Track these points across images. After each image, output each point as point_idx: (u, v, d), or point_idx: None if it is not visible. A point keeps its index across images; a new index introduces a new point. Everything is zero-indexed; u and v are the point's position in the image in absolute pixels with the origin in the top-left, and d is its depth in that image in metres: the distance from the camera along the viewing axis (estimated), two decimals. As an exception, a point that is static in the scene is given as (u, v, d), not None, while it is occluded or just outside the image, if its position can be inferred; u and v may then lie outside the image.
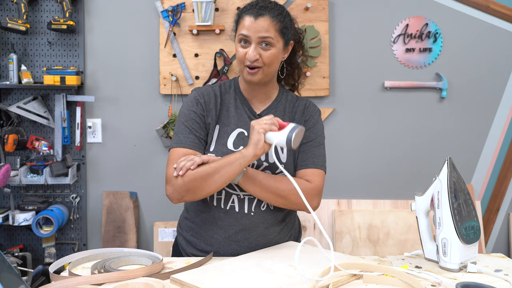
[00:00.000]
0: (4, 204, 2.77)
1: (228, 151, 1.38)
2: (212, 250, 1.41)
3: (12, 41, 2.70)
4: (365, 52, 2.82)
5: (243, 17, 1.37)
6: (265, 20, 1.34)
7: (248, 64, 1.36)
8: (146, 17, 2.77)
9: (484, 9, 2.82)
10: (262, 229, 1.41)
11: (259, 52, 1.35)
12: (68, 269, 1.19)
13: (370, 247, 2.73)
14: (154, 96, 2.80)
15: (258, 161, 1.39)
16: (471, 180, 2.92)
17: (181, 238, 1.52)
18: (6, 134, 2.58)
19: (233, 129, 1.42)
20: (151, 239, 2.87)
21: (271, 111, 1.47)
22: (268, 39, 1.35)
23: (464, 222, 1.26)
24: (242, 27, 1.36)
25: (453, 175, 1.29)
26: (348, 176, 2.89)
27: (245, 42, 1.36)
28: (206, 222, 1.43)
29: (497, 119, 2.89)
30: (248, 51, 1.35)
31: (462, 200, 1.28)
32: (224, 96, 1.46)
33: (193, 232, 1.47)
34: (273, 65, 1.39)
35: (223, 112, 1.44)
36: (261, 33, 1.34)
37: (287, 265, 1.22)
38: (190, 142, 1.38)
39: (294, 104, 1.51)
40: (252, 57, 1.34)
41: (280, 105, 1.49)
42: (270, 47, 1.36)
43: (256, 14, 1.34)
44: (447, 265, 1.26)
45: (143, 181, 2.84)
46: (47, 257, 2.71)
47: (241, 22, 1.37)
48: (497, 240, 2.97)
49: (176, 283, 1.12)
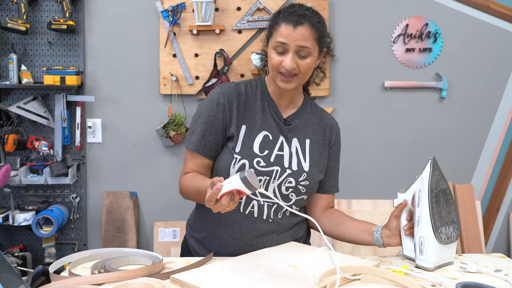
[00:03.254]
0: (4, 204, 2.77)
1: (254, 154, 1.35)
2: (226, 253, 1.39)
3: (12, 41, 2.70)
4: (365, 52, 2.82)
5: (280, 24, 1.31)
6: (305, 30, 1.30)
7: (284, 72, 1.32)
8: (146, 17, 2.77)
9: (484, 9, 2.82)
10: (277, 235, 1.41)
11: (296, 60, 1.31)
12: (68, 269, 1.19)
13: (370, 247, 2.72)
14: (154, 96, 2.80)
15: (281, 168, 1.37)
16: (471, 180, 2.92)
17: (193, 240, 1.50)
18: (6, 134, 2.58)
19: (259, 131, 1.39)
20: (151, 239, 2.87)
21: (297, 118, 1.44)
22: (307, 49, 1.31)
23: (443, 223, 1.26)
24: (280, 34, 1.31)
25: (435, 174, 1.29)
26: (348, 176, 2.88)
27: (281, 49, 1.31)
28: (221, 224, 1.40)
29: (497, 119, 2.89)
30: (284, 60, 1.31)
31: (443, 200, 1.28)
32: (250, 96, 1.42)
33: (206, 233, 1.45)
34: (308, 74, 1.36)
35: (248, 113, 1.40)
36: (300, 42, 1.30)
37: (287, 265, 1.22)
38: (200, 146, 1.39)
39: (320, 116, 1.49)
40: (289, 66, 1.30)
41: (305, 113, 1.46)
42: (307, 56, 1.32)
43: (295, 22, 1.29)
44: (423, 264, 1.26)
45: (143, 181, 2.84)
46: (47, 257, 2.71)
47: (278, 28, 1.32)
48: (497, 240, 2.97)
49: (176, 283, 1.12)
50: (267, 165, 1.35)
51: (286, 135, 1.41)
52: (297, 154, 1.40)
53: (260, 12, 2.76)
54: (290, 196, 1.39)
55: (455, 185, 2.89)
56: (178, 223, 2.82)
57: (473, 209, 2.85)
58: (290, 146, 1.40)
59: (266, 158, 1.36)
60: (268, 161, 1.35)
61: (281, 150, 1.38)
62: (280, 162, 1.37)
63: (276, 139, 1.39)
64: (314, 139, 1.44)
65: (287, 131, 1.41)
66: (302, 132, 1.43)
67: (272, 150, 1.37)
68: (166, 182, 2.84)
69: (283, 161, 1.37)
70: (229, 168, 1.35)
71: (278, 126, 1.41)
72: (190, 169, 1.41)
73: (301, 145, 1.42)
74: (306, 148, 1.42)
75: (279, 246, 1.42)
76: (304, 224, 1.55)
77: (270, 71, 1.37)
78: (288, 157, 1.38)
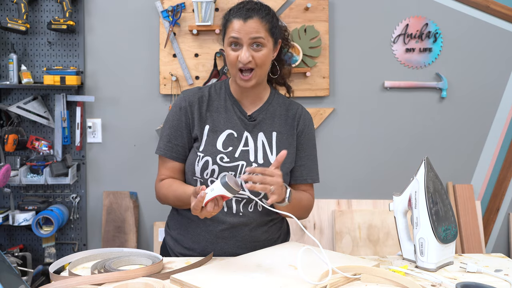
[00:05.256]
0: (4, 204, 2.77)
1: (217, 151, 1.41)
2: (199, 248, 1.44)
3: (12, 41, 2.70)
4: (365, 52, 2.82)
5: (231, 20, 1.37)
6: (254, 22, 1.35)
7: (241, 66, 1.36)
8: (146, 17, 2.77)
9: (484, 9, 2.82)
10: (249, 229, 1.43)
11: (251, 53, 1.35)
12: (68, 269, 1.19)
13: (370, 247, 2.73)
14: (154, 96, 2.81)
15: (247, 162, 1.41)
16: (471, 180, 2.92)
17: (169, 238, 1.54)
18: (6, 134, 2.58)
19: (222, 130, 1.44)
20: (151, 239, 2.87)
21: (262, 113, 1.47)
22: (260, 40, 1.35)
23: (441, 222, 1.27)
24: (232, 30, 1.36)
25: (430, 174, 1.29)
26: (348, 176, 2.89)
27: (235, 45, 1.36)
28: (193, 221, 1.45)
29: (497, 119, 2.89)
30: (240, 54, 1.35)
31: (439, 200, 1.29)
32: (213, 97, 1.48)
33: (180, 230, 1.49)
34: (265, 66, 1.40)
35: (212, 114, 1.46)
36: (252, 34, 1.34)
37: (287, 265, 1.22)
38: (168, 151, 1.45)
39: (287, 108, 1.51)
40: (245, 59, 1.34)
41: (271, 107, 1.49)
42: (262, 48, 1.36)
43: (245, 16, 1.35)
44: (425, 265, 1.26)
45: (143, 181, 2.84)
46: (47, 257, 2.71)
47: (230, 25, 1.37)
48: (497, 240, 2.97)
49: (176, 283, 1.12)
50: (231, 160, 1.40)
51: (251, 130, 1.45)
52: (264, 148, 1.44)
53: (260, 12, 2.76)
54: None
55: (455, 185, 2.89)
56: (178, 223, 2.82)
57: (473, 209, 2.85)
58: (256, 141, 1.44)
59: (230, 154, 1.41)
60: (232, 157, 1.40)
61: (246, 146, 1.43)
62: (245, 157, 1.41)
63: (241, 136, 1.44)
64: (281, 131, 1.47)
65: (252, 126, 1.45)
66: (268, 126, 1.47)
67: (237, 146, 1.42)
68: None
69: (248, 156, 1.42)
70: (194, 166, 1.41)
71: (243, 123, 1.45)
72: (164, 174, 1.47)
73: (267, 139, 1.45)
74: (272, 141, 1.45)
75: (279, 245, 1.42)
76: (283, 224, 1.57)
77: (229, 69, 1.41)
78: (253, 152, 1.42)
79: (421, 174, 1.29)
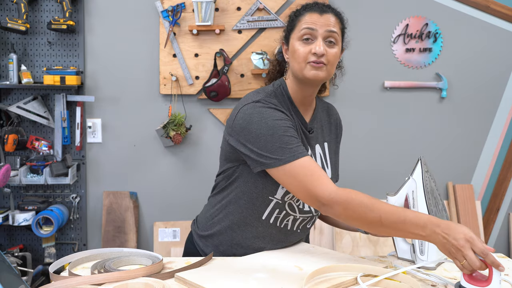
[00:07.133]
0: (4, 204, 2.77)
1: None
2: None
3: (12, 41, 2.70)
4: (365, 52, 2.82)
5: (304, 14, 1.27)
6: (331, 16, 1.26)
7: (314, 59, 1.23)
8: (146, 17, 2.77)
9: (484, 9, 2.82)
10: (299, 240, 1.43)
11: (325, 48, 1.24)
12: (68, 269, 1.19)
13: (370, 247, 2.73)
14: (154, 96, 2.80)
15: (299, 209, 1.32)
16: (471, 180, 2.92)
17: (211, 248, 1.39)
18: (6, 134, 2.58)
19: None
20: (151, 239, 2.87)
21: (315, 122, 1.37)
22: (334, 35, 1.25)
23: None
24: (305, 22, 1.25)
25: (426, 174, 1.29)
26: (348, 176, 2.88)
27: (307, 38, 1.24)
28: (252, 236, 1.34)
29: (497, 119, 2.89)
30: (312, 47, 1.23)
31: (432, 199, 1.29)
32: (283, 106, 1.30)
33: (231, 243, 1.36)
34: (333, 67, 1.28)
35: None
36: (329, 27, 1.24)
37: (292, 266, 1.22)
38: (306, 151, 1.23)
39: (328, 113, 1.45)
40: (321, 51, 1.22)
41: (319, 114, 1.40)
42: (334, 45, 1.26)
43: (320, 10, 1.26)
44: (425, 264, 1.26)
45: (143, 181, 2.84)
46: (47, 257, 2.71)
47: (302, 19, 1.27)
48: (497, 240, 2.97)
49: (180, 281, 1.12)
50: None
51: (311, 144, 1.35)
52: (322, 161, 1.37)
53: (260, 12, 2.76)
54: None
55: (455, 185, 2.89)
56: (178, 223, 2.82)
57: (473, 209, 2.85)
58: (315, 155, 1.36)
59: None
60: None
61: None
62: None
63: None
64: (330, 141, 1.42)
65: (310, 139, 1.35)
66: (320, 136, 1.39)
67: None
68: (166, 182, 2.84)
69: None
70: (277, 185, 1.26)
71: (305, 136, 1.33)
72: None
73: (322, 151, 1.38)
74: (326, 153, 1.39)
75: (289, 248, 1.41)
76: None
77: (296, 65, 1.26)
78: None
79: (418, 174, 1.29)
